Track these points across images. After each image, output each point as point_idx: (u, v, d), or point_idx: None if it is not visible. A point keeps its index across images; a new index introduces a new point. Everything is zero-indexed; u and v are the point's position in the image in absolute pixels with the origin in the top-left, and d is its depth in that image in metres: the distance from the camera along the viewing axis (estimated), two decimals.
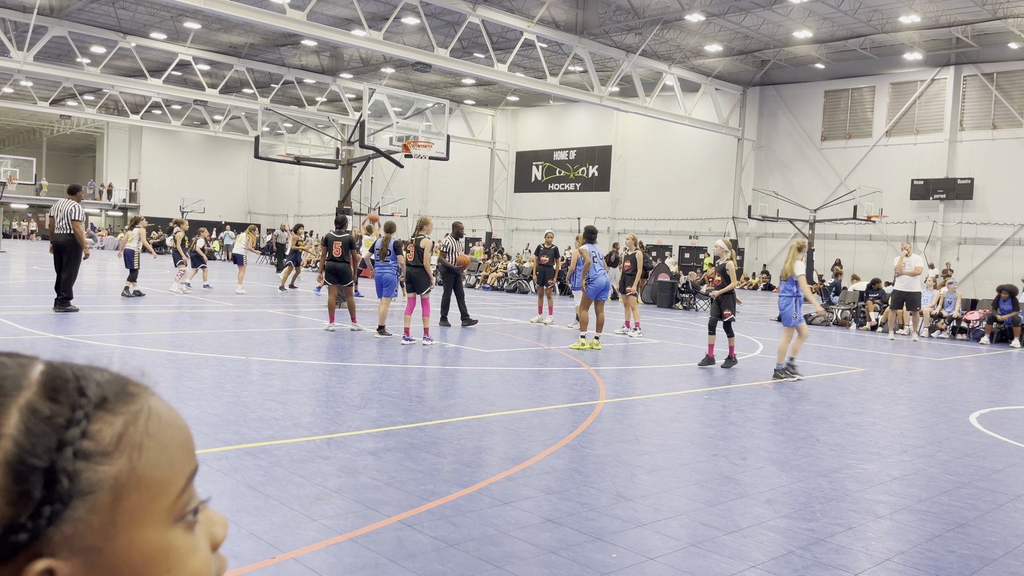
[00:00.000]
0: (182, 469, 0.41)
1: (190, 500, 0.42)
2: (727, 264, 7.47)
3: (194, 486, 0.43)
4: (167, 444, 0.41)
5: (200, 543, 0.42)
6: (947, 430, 5.37)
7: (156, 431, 0.41)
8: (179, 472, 0.41)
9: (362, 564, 2.62)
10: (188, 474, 0.42)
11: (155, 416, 0.41)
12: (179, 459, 0.41)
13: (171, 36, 25.39)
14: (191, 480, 0.42)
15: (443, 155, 12.09)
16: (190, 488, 0.42)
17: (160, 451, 0.40)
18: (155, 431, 0.41)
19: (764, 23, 20.75)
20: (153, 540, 0.39)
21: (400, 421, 4.76)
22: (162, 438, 0.41)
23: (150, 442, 0.40)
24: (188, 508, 0.42)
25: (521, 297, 16.96)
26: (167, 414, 0.42)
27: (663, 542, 2.97)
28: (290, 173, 42.19)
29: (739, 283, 7.75)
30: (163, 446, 0.41)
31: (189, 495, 0.42)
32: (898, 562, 2.92)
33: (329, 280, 9.15)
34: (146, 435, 0.40)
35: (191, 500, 0.42)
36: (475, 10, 18.86)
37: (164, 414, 0.42)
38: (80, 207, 9.31)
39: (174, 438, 0.41)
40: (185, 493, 0.41)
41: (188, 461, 0.42)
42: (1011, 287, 11.72)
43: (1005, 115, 21.49)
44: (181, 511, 0.41)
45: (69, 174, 48.80)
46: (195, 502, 0.43)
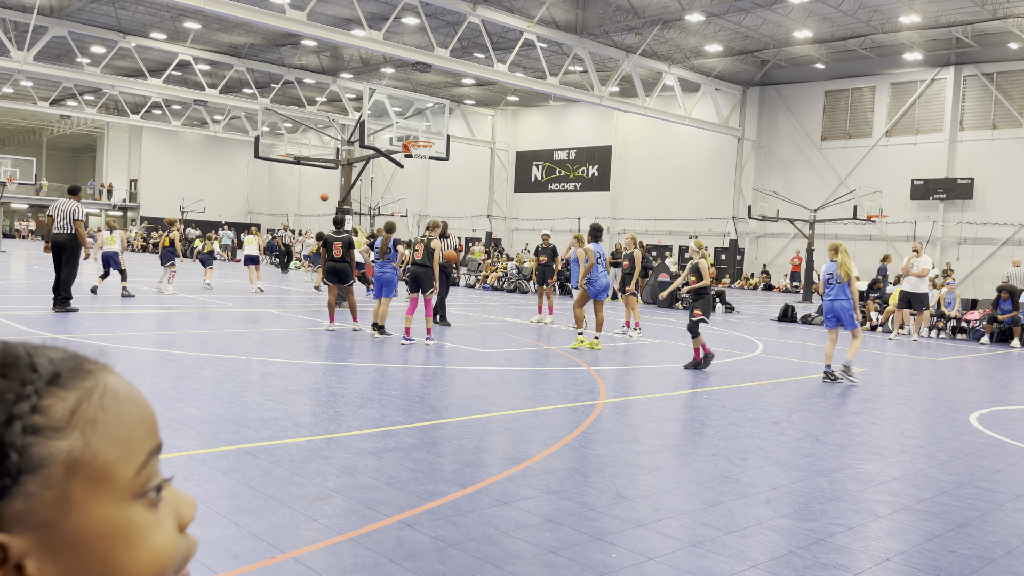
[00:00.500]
0: (141, 445, 0.41)
1: (151, 477, 0.41)
2: (699, 263, 7.41)
3: (157, 464, 0.42)
4: (124, 420, 0.40)
5: (164, 521, 0.42)
6: (947, 430, 5.37)
7: (112, 407, 0.40)
8: (138, 448, 0.41)
9: (362, 564, 2.62)
10: (148, 451, 0.41)
11: (111, 392, 0.41)
12: (138, 435, 0.41)
13: (171, 36, 25.39)
14: (152, 457, 0.41)
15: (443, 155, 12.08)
16: (151, 465, 0.41)
17: (117, 427, 0.40)
18: (111, 407, 0.40)
19: (764, 23, 20.75)
20: (111, 516, 0.39)
21: (400, 421, 4.76)
22: (119, 414, 0.40)
23: (105, 417, 0.40)
24: (149, 485, 0.41)
25: (521, 297, 16.96)
26: (125, 391, 0.42)
27: (663, 542, 2.97)
28: (290, 173, 42.19)
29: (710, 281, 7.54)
30: (120, 422, 0.40)
31: (150, 472, 0.41)
32: (898, 562, 2.92)
33: (329, 280, 9.16)
34: (101, 410, 0.40)
35: (153, 477, 0.41)
36: (475, 10, 18.85)
37: (122, 391, 0.41)
38: (82, 207, 9.41)
39: (132, 414, 0.41)
40: (145, 470, 0.41)
41: (148, 438, 0.41)
42: (1011, 287, 11.72)
43: (1005, 115, 21.49)
44: (141, 488, 0.40)
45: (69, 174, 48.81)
46: (157, 480, 0.42)
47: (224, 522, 2.93)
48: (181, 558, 0.43)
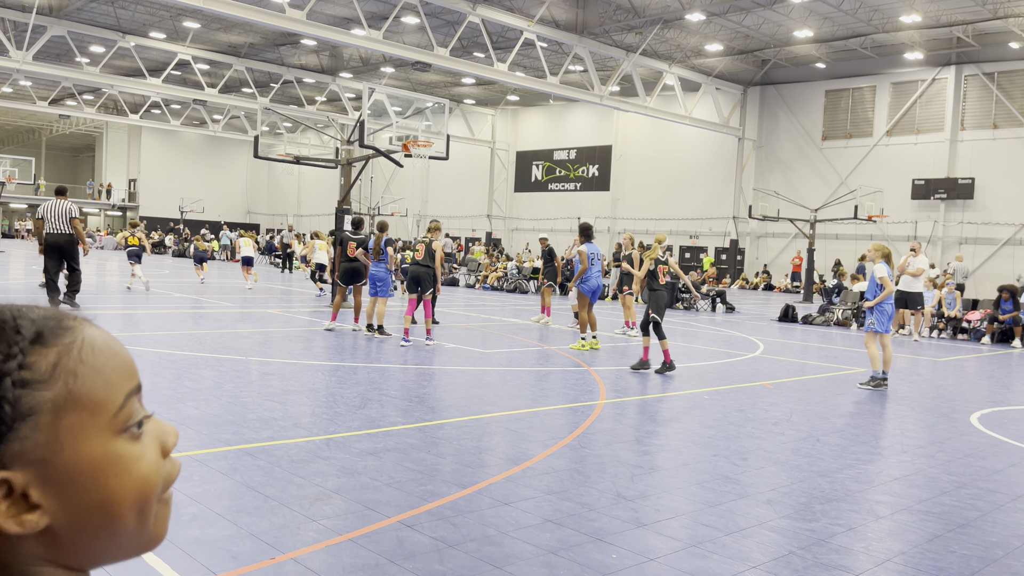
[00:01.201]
0: (119, 388, 0.47)
1: (132, 415, 0.47)
2: (631, 254, 7.15)
3: (137, 402, 0.48)
4: (101, 368, 0.46)
5: (147, 451, 0.48)
6: (948, 430, 5.36)
7: (90, 358, 0.46)
8: (116, 391, 0.47)
9: (362, 565, 2.61)
10: (126, 392, 0.47)
11: (89, 345, 0.47)
12: (115, 380, 0.47)
13: (170, 35, 25.38)
14: (130, 397, 0.48)
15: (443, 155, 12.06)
16: (130, 404, 0.47)
17: (95, 375, 0.46)
18: (88, 358, 0.46)
19: (765, 22, 20.74)
20: (97, 450, 0.45)
21: (400, 421, 4.76)
22: (96, 363, 0.46)
23: (84, 368, 0.46)
24: (131, 422, 0.47)
25: (521, 297, 16.95)
26: (103, 342, 0.48)
27: (663, 543, 2.96)
28: (289, 173, 42.16)
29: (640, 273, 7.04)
30: (97, 370, 0.46)
31: (130, 410, 0.47)
32: (899, 562, 2.91)
33: (343, 280, 9.14)
34: (79, 362, 0.46)
35: (133, 415, 0.47)
36: (475, 9, 18.84)
37: (99, 342, 0.47)
38: (76, 206, 9.69)
39: (108, 362, 0.47)
40: (124, 409, 0.47)
41: (126, 381, 0.48)
42: (1012, 287, 11.71)
43: (1006, 115, 21.47)
44: (123, 424, 0.47)
45: (68, 174, 48.79)
46: (139, 416, 0.48)
47: (223, 522, 2.92)
48: (165, 480, 0.49)
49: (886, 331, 6.82)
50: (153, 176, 42.52)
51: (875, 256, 6.87)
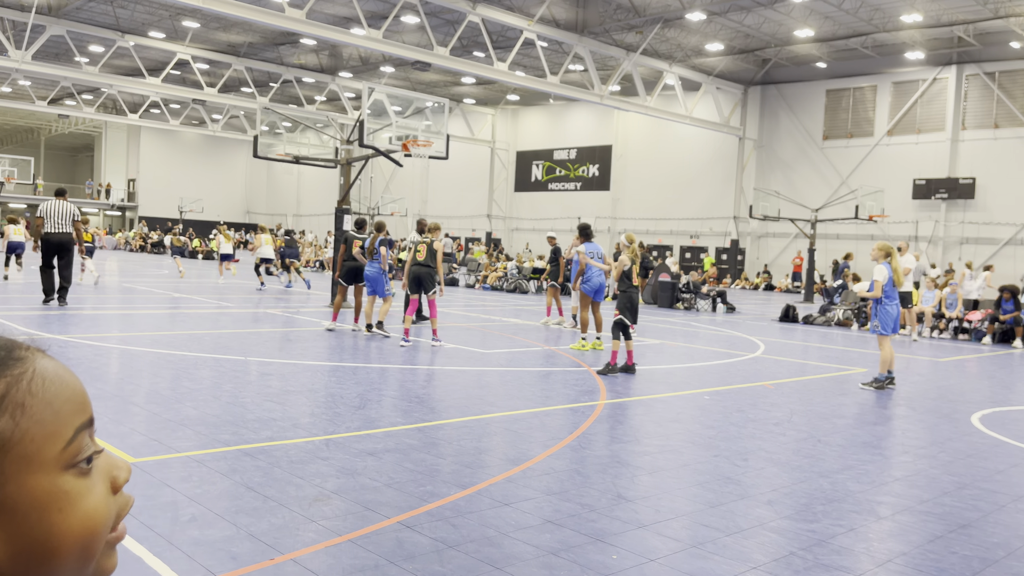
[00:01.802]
0: (69, 422, 0.46)
1: (81, 450, 0.46)
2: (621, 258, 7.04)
3: (87, 437, 0.47)
4: (51, 401, 0.46)
5: (95, 487, 0.47)
6: (949, 431, 5.35)
7: (40, 390, 0.46)
8: (65, 425, 0.46)
9: (361, 565, 2.61)
10: (76, 426, 0.46)
11: (39, 377, 0.46)
12: (65, 413, 0.46)
13: (169, 35, 25.36)
14: (81, 431, 0.47)
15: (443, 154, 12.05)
16: (80, 439, 0.47)
17: (44, 408, 0.45)
18: (38, 390, 0.46)
19: (765, 22, 20.72)
20: (42, 485, 0.45)
21: (399, 422, 4.74)
22: (46, 396, 0.46)
23: (33, 400, 0.45)
24: (79, 457, 0.46)
25: (521, 297, 16.95)
26: (53, 374, 0.47)
27: (664, 543, 2.95)
28: (289, 172, 42.16)
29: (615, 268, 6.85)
30: (47, 403, 0.45)
31: (79, 446, 0.46)
32: (900, 563, 2.90)
33: (345, 279, 9.14)
34: (29, 394, 0.45)
35: (83, 450, 0.47)
36: (475, 9, 18.82)
37: (50, 374, 0.47)
38: (78, 208, 10.17)
39: (59, 394, 0.46)
40: (74, 443, 0.46)
41: (77, 414, 0.47)
42: (1013, 287, 11.70)
43: (1007, 114, 21.46)
44: (71, 459, 0.46)
45: (67, 174, 48.77)
46: (88, 451, 0.47)
47: (223, 523, 2.91)
48: (113, 516, 0.48)
49: (894, 331, 6.78)
50: (152, 176, 42.50)
51: (878, 255, 6.82)
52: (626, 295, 6.89)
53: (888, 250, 6.80)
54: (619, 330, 6.86)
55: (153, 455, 3.75)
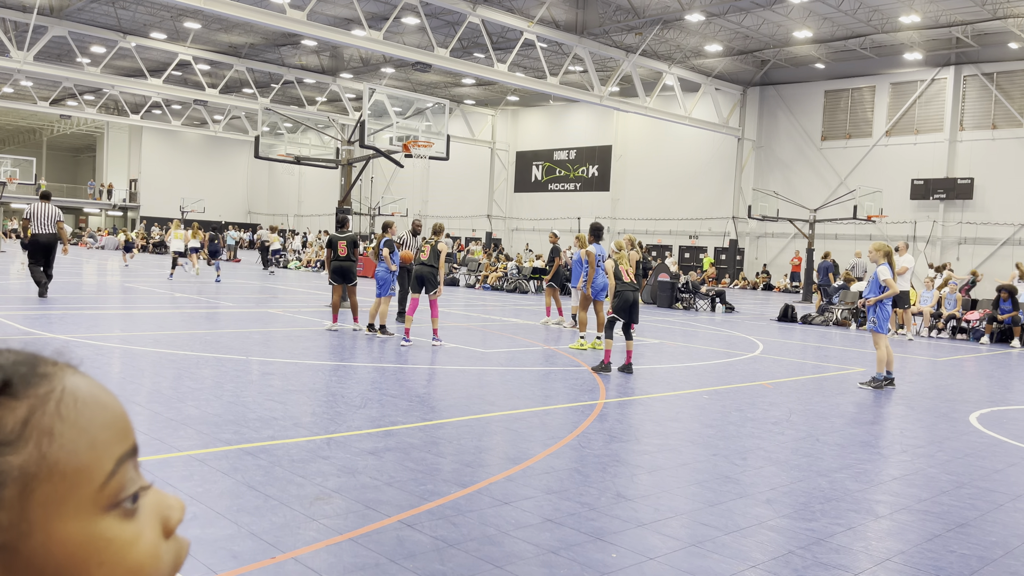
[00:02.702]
0: (108, 452, 0.37)
1: (124, 486, 0.37)
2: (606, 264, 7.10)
3: (132, 469, 0.38)
4: (86, 427, 0.37)
5: (144, 531, 0.38)
6: (947, 430, 5.37)
7: (71, 413, 0.37)
8: (104, 456, 0.37)
9: (362, 564, 2.62)
10: (117, 457, 0.37)
11: (70, 397, 0.37)
12: (103, 441, 0.37)
13: (171, 36, 25.38)
14: (123, 463, 0.38)
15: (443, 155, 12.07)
16: (122, 472, 0.37)
17: (77, 435, 0.36)
18: (69, 413, 0.37)
19: (764, 23, 20.74)
20: (78, 533, 0.36)
21: (400, 421, 4.76)
22: (79, 420, 0.37)
23: (63, 426, 0.36)
24: (122, 495, 0.37)
25: (521, 297, 16.96)
26: (88, 393, 0.38)
27: (663, 542, 2.97)
28: (290, 173, 42.17)
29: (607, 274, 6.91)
30: (81, 429, 0.37)
31: (121, 480, 0.37)
32: (898, 562, 2.92)
33: (335, 280, 9.17)
34: (57, 419, 0.36)
35: (127, 485, 0.37)
36: (475, 10, 18.84)
37: (83, 393, 0.38)
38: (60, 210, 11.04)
39: (95, 419, 0.37)
40: (115, 479, 0.37)
41: (117, 443, 0.38)
42: (1011, 287, 11.72)
43: (1005, 115, 21.48)
44: (112, 499, 0.37)
45: (69, 174, 48.78)
46: (133, 487, 0.38)
47: (224, 522, 2.93)
48: (169, 566, 0.39)
49: (886, 331, 6.81)
50: (154, 176, 42.51)
51: (877, 256, 6.80)
52: (620, 295, 6.90)
53: (887, 250, 6.79)
54: (611, 329, 6.86)
55: (155, 454, 3.76)
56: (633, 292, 6.96)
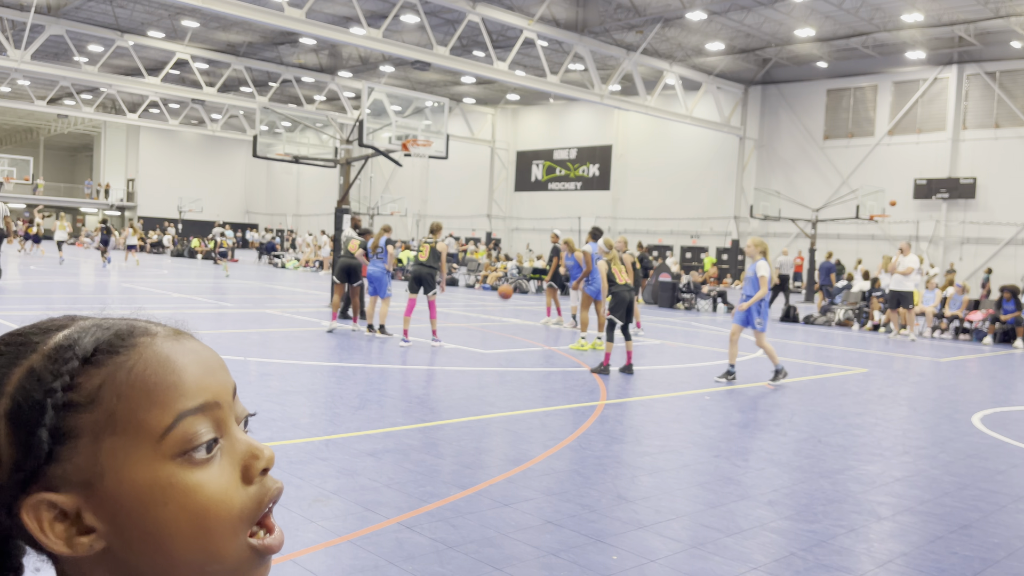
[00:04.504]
0: (170, 408, 0.43)
1: (189, 438, 0.43)
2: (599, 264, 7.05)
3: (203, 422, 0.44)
4: (151, 389, 0.43)
5: (213, 479, 0.43)
6: (950, 431, 5.34)
7: (139, 379, 0.43)
8: (165, 412, 0.43)
9: (361, 566, 2.60)
10: (178, 413, 0.43)
11: (142, 364, 0.44)
12: (167, 400, 0.43)
13: (169, 35, 25.34)
14: (186, 417, 0.43)
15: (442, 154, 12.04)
16: (185, 425, 0.43)
17: (142, 395, 0.43)
18: (138, 378, 0.43)
19: (766, 21, 20.70)
20: (142, 477, 0.42)
21: (399, 422, 4.74)
22: (146, 384, 0.43)
23: (131, 390, 0.43)
24: (188, 445, 0.43)
25: (521, 297, 16.94)
26: (164, 358, 0.44)
27: (664, 544, 2.94)
28: (288, 172, 42.15)
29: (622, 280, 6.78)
30: (147, 391, 0.43)
31: (184, 432, 0.43)
32: (900, 564, 2.89)
33: (340, 278, 9.14)
34: (127, 384, 0.43)
35: (192, 437, 0.43)
36: (475, 8, 18.80)
37: (159, 359, 0.44)
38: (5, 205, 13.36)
39: (161, 381, 0.43)
40: (175, 430, 0.43)
41: (182, 400, 0.44)
42: (1014, 287, 11.69)
43: (1008, 114, 21.44)
44: (177, 449, 0.43)
45: (66, 173, 48.77)
46: (202, 438, 0.43)
47: None
48: (243, 510, 0.44)
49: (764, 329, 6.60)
50: (151, 176, 42.48)
51: (754, 253, 6.59)
52: (617, 296, 6.86)
53: (764, 247, 6.62)
54: (611, 331, 6.82)
55: None
56: (629, 293, 6.92)
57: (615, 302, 6.84)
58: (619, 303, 6.82)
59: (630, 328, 9.84)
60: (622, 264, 7.02)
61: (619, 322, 6.81)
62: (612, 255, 6.97)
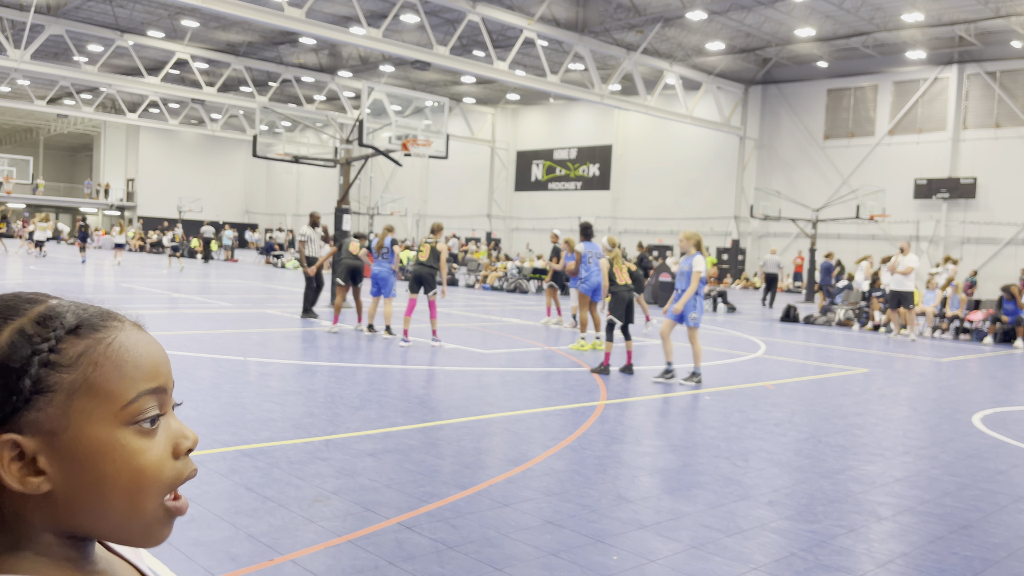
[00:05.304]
0: (134, 385, 0.52)
1: (142, 411, 0.52)
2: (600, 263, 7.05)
3: (153, 400, 0.52)
4: (122, 364, 0.52)
5: (154, 448, 0.52)
6: (950, 431, 5.34)
7: (115, 354, 0.52)
8: (130, 387, 0.51)
9: (361, 566, 2.60)
10: (140, 390, 0.52)
11: (119, 343, 0.52)
12: (133, 377, 0.52)
13: (169, 34, 25.33)
14: (144, 395, 0.52)
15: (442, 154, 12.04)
16: (142, 401, 0.52)
17: (114, 368, 0.51)
18: (113, 354, 0.52)
19: (766, 21, 20.69)
20: (100, 435, 0.50)
21: (399, 422, 4.73)
22: (118, 359, 0.52)
23: (105, 361, 0.51)
24: (140, 417, 0.51)
25: (521, 297, 16.94)
26: (134, 343, 0.53)
27: (664, 544, 2.94)
28: (288, 172, 42.14)
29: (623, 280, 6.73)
30: (117, 365, 0.51)
31: (140, 406, 0.51)
32: (901, 564, 2.89)
33: (343, 280, 9.15)
34: (104, 356, 0.51)
35: (144, 411, 0.52)
36: (475, 8, 18.80)
37: (130, 343, 0.53)
38: None
39: (131, 361, 0.52)
40: (134, 404, 0.51)
41: (145, 380, 0.52)
42: (1014, 287, 11.68)
43: (1008, 114, 21.43)
44: (131, 417, 0.51)
45: (66, 173, 48.74)
46: (149, 413, 0.52)
47: (222, 524, 2.90)
48: (169, 479, 0.52)
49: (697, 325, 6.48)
50: (151, 176, 42.45)
51: (688, 247, 6.42)
52: (616, 296, 6.83)
53: (698, 239, 6.44)
54: (610, 332, 6.80)
55: None
56: (628, 293, 6.89)
57: (615, 302, 6.82)
58: (619, 303, 6.79)
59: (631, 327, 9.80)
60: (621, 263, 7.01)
61: (619, 322, 6.80)
62: (614, 254, 6.93)
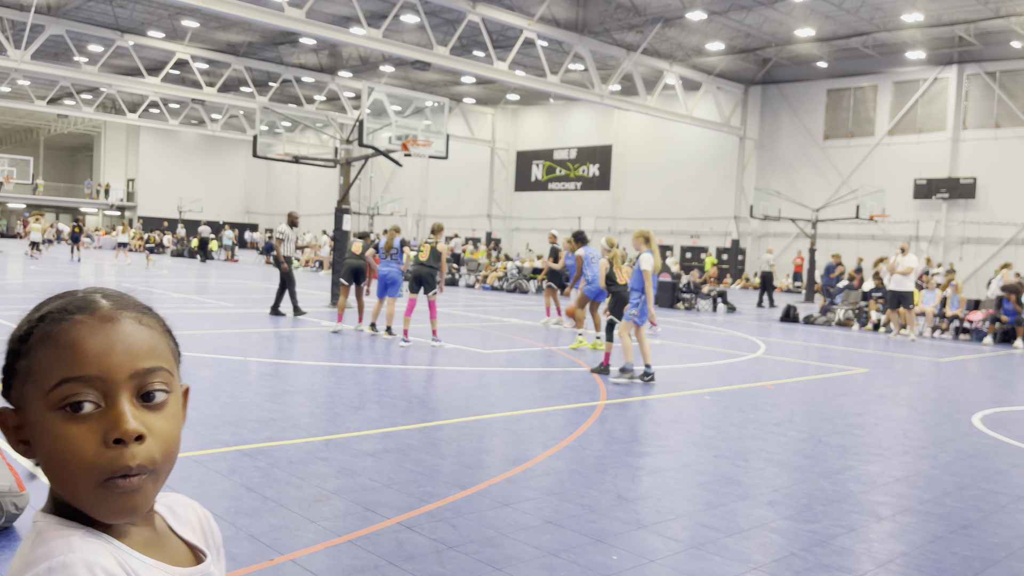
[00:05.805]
0: (58, 372, 0.57)
1: (65, 397, 0.57)
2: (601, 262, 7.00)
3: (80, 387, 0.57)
4: (53, 355, 0.58)
5: (78, 434, 0.57)
6: (950, 431, 5.34)
7: (52, 345, 0.58)
8: (54, 374, 0.58)
9: (361, 566, 2.60)
10: (60, 377, 0.57)
11: (62, 335, 0.58)
12: (60, 365, 0.58)
13: (169, 35, 25.34)
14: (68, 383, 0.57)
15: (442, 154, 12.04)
16: (64, 388, 0.57)
17: (47, 357, 0.58)
18: (51, 345, 0.58)
19: (766, 21, 20.70)
20: (37, 418, 0.58)
21: (399, 422, 4.74)
22: (52, 350, 0.58)
23: (45, 352, 0.58)
24: (63, 403, 0.57)
25: (521, 297, 16.94)
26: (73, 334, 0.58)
27: (664, 544, 2.94)
28: (288, 172, 42.15)
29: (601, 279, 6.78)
30: (48, 355, 0.58)
31: (61, 393, 0.57)
32: (900, 564, 2.89)
33: (347, 280, 9.15)
34: (44, 345, 0.59)
35: (67, 397, 0.57)
36: (475, 8, 18.80)
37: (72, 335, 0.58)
38: None
39: (60, 351, 0.58)
40: (57, 390, 0.57)
41: (66, 369, 0.57)
42: (1015, 287, 11.68)
43: (1008, 114, 21.44)
44: (55, 403, 0.57)
45: (66, 173, 48.75)
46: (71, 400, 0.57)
47: (222, 524, 2.90)
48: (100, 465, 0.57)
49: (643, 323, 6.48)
50: (151, 176, 42.46)
51: (639, 244, 6.35)
52: (616, 296, 6.84)
53: (648, 236, 6.39)
54: (611, 332, 6.80)
55: None
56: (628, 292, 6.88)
57: (615, 302, 6.82)
58: (619, 303, 6.79)
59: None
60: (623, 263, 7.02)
61: (619, 322, 6.82)
62: (614, 254, 6.93)
